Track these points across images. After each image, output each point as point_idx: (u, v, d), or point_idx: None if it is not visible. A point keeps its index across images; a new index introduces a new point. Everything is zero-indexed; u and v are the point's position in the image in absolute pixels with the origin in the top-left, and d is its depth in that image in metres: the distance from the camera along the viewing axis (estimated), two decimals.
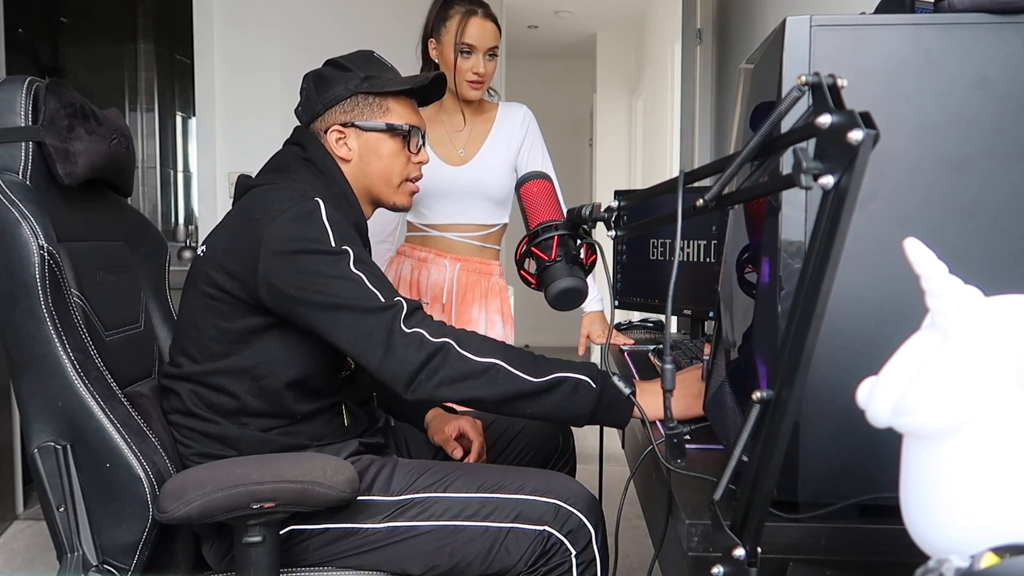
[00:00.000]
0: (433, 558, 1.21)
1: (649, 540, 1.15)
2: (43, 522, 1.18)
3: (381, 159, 1.38)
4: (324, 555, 1.24)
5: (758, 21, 2.52)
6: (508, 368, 1.13)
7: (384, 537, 1.22)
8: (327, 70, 1.39)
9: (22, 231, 1.13)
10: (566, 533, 1.20)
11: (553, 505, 1.21)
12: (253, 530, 1.15)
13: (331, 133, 1.36)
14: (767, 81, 0.88)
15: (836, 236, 0.60)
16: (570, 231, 1.23)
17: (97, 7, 4.91)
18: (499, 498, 1.22)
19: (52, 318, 1.15)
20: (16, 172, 1.20)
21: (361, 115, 1.37)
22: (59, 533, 1.16)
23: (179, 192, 5.28)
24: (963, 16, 0.81)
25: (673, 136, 4.26)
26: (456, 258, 1.98)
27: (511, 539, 1.19)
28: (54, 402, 1.16)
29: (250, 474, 1.14)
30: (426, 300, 1.96)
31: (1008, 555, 0.53)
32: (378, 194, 1.41)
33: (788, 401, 0.64)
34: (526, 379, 1.13)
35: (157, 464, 1.19)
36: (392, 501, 1.23)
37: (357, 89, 1.36)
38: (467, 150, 1.97)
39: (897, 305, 0.80)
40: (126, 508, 1.16)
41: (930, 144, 0.81)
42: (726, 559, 0.68)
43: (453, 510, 1.22)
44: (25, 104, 1.21)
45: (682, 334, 2.23)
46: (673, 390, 0.87)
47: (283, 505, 1.13)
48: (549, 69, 7.20)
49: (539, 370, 1.15)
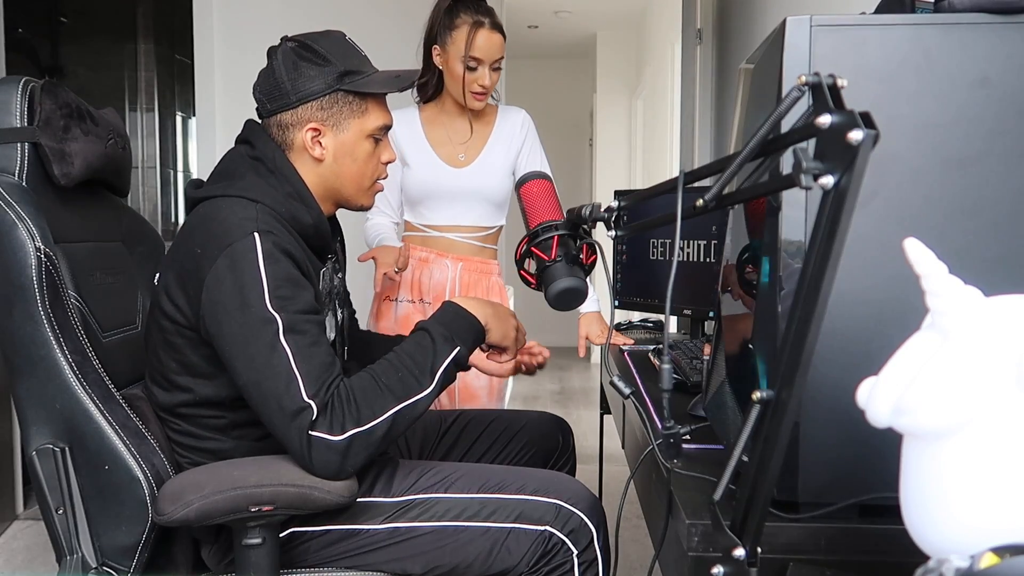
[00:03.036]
0: (434, 558, 1.21)
1: (649, 540, 1.15)
2: (43, 522, 1.18)
3: (356, 162, 1.31)
4: (325, 556, 1.23)
5: (758, 21, 2.52)
6: (405, 404, 1.16)
7: (385, 538, 1.21)
8: (302, 55, 1.26)
9: (18, 233, 1.13)
10: (567, 533, 1.20)
11: (554, 505, 1.21)
12: (253, 532, 1.14)
13: (305, 131, 1.27)
14: (767, 81, 0.88)
15: (836, 236, 0.60)
16: (570, 231, 1.23)
17: (97, 7, 4.91)
18: (500, 498, 1.22)
19: (49, 320, 1.14)
20: (12, 173, 1.19)
21: (339, 114, 1.28)
22: (58, 535, 1.16)
23: (179, 192, 5.27)
24: (963, 16, 0.81)
25: (673, 136, 4.25)
26: (457, 258, 1.99)
27: (512, 539, 1.19)
28: (52, 404, 1.15)
29: (248, 476, 1.13)
30: (428, 300, 1.96)
31: (1008, 555, 0.53)
32: (347, 196, 1.34)
33: (788, 401, 0.64)
34: (420, 397, 1.17)
35: (156, 466, 1.18)
36: (393, 502, 1.23)
37: (338, 86, 1.26)
38: (468, 153, 1.98)
39: (897, 305, 0.80)
40: (125, 510, 1.16)
41: (930, 144, 0.81)
42: (726, 559, 0.68)
43: (454, 510, 1.21)
44: (20, 105, 1.20)
45: (682, 334, 2.23)
46: (671, 391, 0.87)
47: (282, 508, 1.13)
48: (549, 69, 7.20)
49: (423, 377, 1.18)
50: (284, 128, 1.28)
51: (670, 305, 0.75)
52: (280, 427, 1.12)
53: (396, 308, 1.98)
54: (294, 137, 1.28)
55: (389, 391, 1.15)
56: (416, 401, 1.17)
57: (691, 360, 1.56)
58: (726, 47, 3.05)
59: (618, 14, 6.04)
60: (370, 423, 1.13)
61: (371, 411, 1.13)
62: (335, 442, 1.11)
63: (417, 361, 1.19)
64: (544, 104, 6.91)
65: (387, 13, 3.06)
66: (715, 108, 3.16)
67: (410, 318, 1.95)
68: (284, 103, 1.26)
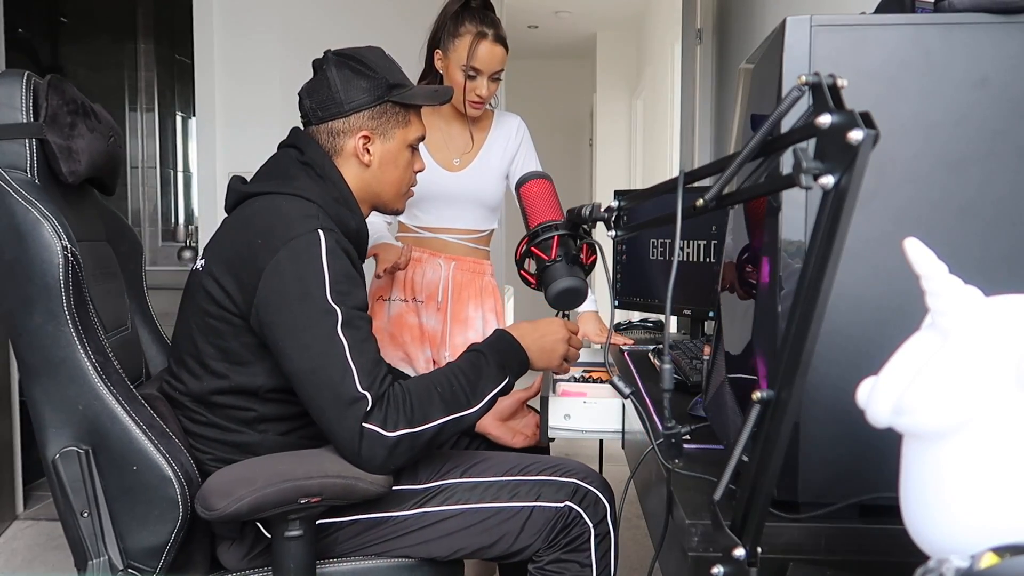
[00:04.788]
0: (459, 540, 1.26)
1: (649, 540, 1.15)
2: (43, 522, 1.17)
3: (397, 169, 1.41)
4: (353, 545, 1.27)
5: (758, 21, 2.52)
6: (453, 417, 1.21)
7: (413, 523, 1.26)
8: (354, 68, 1.35)
9: (44, 231, 1.10)
10: (585, 508, 1.27)
11: (572, 483, 1.29)
12: (293, 524, 1.16)
13: (358, 138, 1.35)
14: (767, 81, 0.88)
15: (836, 236, 0.60)
16: (570, 231, 1.23)
17: (97, 7, 4.91)
18: (521, 479, 1.29)
19: (73, 320, 1.12)
20: (23, 170, 1.17)
21: (387, 124, 1.37)
22: (82, 539, 1.14)
23: (179, 192, 5.27)
24: (963, 16, 0.81)
25: (673, 136, 4.25)
26: (450, 257, 2.00)
27: (534, 517, 1.26)
28: (74, 406, 1.13)
29: (295, 469, 1.15)
30: (421, 299, 1.97)
31: (1008, 555, 0.53)
32: (385, 200, 1.43)
33: (788, 401, 0.64)
34: (467, 414, 1.23)
35: (184, 464, 1.17)
36: (420, 489, 1.28)
37: (387, 97, 1.35)
38: (463, 157, 2.00)
39: (897, 305, 0.80)
40: (154, 510, 1.15)
41: (930, 144, 0.81)
42: (726, 559, 0.68)
43: (478, 492, 1.28)
44: (26, 99, 1.18)
45: (682, 334, 2.23)
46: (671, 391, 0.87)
47: (327, 499, 1.15)
48: (549, 69, 7.20)
49: (474, 396, 1.24)
50: (335, 135, 1.36)
51: (670, 305, 0.74)
52: (332, 415, 1.15)
53: (389, 307, 1.98)
54: (344, 144, 1.36)
55: (442, 400, 1.20)
56: (463, 416, 1.22)
57: (691, 360, 1.56)
58: (726, 47, 3.05)
59: (618, 14, 6.04)
60: (421, 426, 1.17)
61: (423, 415, 1.18)
62: (386, 437, 1.15)
63: (471, 380, 1.24)
64: (544, 104, 6.92)
65: (387, 14, 3.06)
66: (715, 108, 3.16)
67: (403, 317, 1.96)
68: (336, 112, 1.34)
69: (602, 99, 6.59)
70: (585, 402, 1.47)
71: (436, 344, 1.98)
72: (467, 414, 1.23)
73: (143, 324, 1.48)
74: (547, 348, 1.35)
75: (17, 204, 1.12)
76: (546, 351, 1.35)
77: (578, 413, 1.47)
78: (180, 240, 5.09)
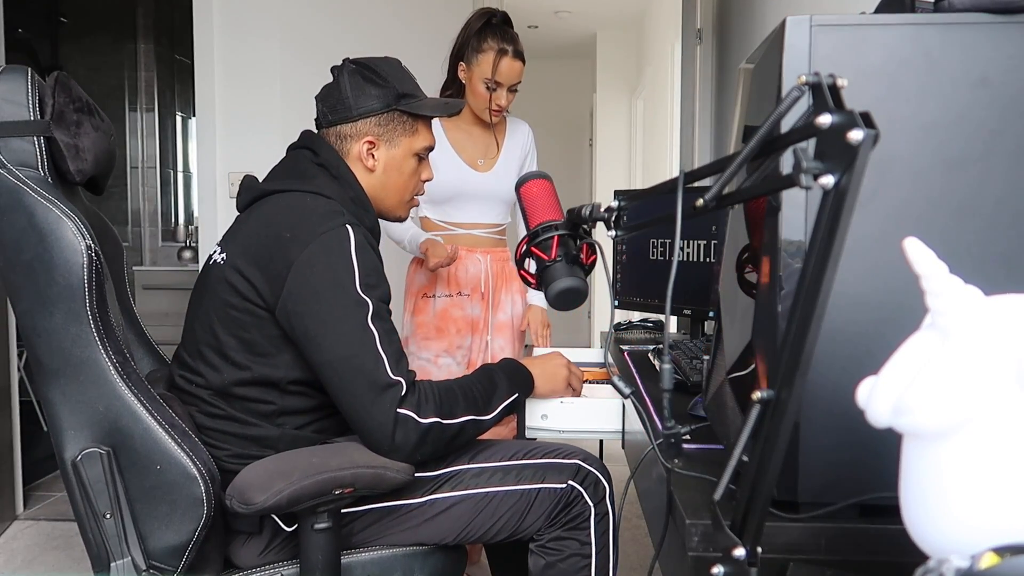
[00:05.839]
0: (469, 523, 1.30)
1: (649, 540, 1.15)
2: (43, 522, 1.17)
3: (401, 176, 1.45)
4: (368, 535, 1.29)
5: (758, 21, 2.52)
6: (474, 418, 1.28)
7: (424, 511, 1.29)
8: (366, 76, 1.39)
9: (66, 230, 1.08)
10: (586, 487, 1.32)
11: (574, 464, 1.34)
12: (322, 516, 1.17)
13: (362, 143, 1.39)
14: (767, 81, 0.88)
15: (836, 236, 0.60)
16: (570, 231, 1.23)
17: (97, 7, 4.92)
18: (526, 463, 1.34)
19: (95, 321, 1.11)
20: (35, 168, 1.14)
21: (393, 132, 1.41)
22: (104, 541, 1.13)
23: (179, 192, 5.27)
24: (963, 16, 0.81)
25: (673, 136, 4.25)
26: (485, 251, 2.23)
27: (539, 498, 1.31)
28: (94, 407, 1.12)
29: (328, 461, 1.16)
30: (466, 292, 2.18)
31: (1008, 555, 0.53)
32: (388, 206, 1.47)
33: (788, 401, 0.64)
34: (484, 419, 1.30)
35: (206, 462, 1.17)
36: (430, 476, 1.31)
37: (395, 105, 1.40)
38: (487, 158, 2.23)
39: (897, 305, 0.80)
40: (177, 509, 1.14)
41: (930, 144, 0.81)
42: (726, 559, 0.68)
43: (485, 476, 1.32)
44: (32, 96, 1.15)
45: (682, 334, 2.23)
46: (671, 391, 0.87)
47: (359, 490, 1.17)
48: (549, 69, 7.19)
49: (489, 404, 1.30)
50: (342, 138, 1.41)
51: (670, 305, 0.74)
52: (366, 401, 1.18)
53: (434, 303, 2.20)
54: (351, 147, 1.41)
55: (464, 400, 1.26)
56: (480, 420, 1.29)
57: (691, 360, 1.56)
58: (726, 47, 3.05)
59: (618, 14, 6.03)
60: (449, 419, 1.23)
61: (451, 409, 1.24)
62: (420, 423, 1.20)
63: (487, 389, 1.31)
64: (544, 104, 6.92)
65: (386, 15, 3.06)
66: (715, 108, 3.16)
67: (448, 312, 2.19)
68: (345, 116, 1.39)
69: (602, 99, 6.58)
70: (562, 402, 1.49)
71: (478, 330, 2.22)
72: (484, 419, 1.29)
73: (129, 326, 1.47)
74: (549, 372, 1.45)
75: (37, 203, 1.09)
76: (548, 374, 1.45)
77: (555, 413, 1.50)
78: (180, 240, 5.09)
